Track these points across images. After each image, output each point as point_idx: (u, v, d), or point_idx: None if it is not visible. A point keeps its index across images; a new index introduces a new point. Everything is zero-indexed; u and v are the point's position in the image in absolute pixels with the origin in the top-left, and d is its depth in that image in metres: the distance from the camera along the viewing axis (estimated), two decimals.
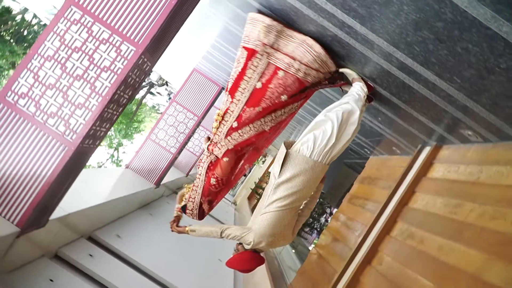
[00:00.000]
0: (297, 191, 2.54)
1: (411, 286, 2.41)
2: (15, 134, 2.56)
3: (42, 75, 2.60)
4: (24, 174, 2.55)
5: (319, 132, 2.53)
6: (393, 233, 3.05)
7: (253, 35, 2.71)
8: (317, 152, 2.53)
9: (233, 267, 2.76)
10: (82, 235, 3.99)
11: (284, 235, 2.66)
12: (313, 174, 2.57)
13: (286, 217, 2.60)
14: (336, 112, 2.57)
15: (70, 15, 2.63)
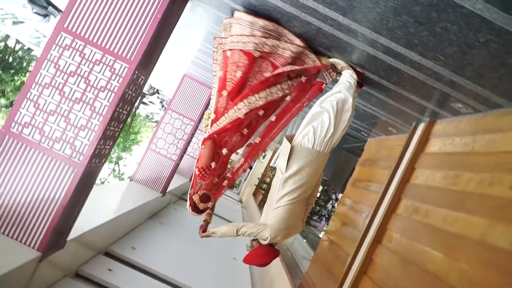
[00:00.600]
0: (304, 182, 2.64)
1: (421, 259, 2.51)
2: (24, 163, 2.64)
3: (42, 103, 2.68)
4: (38, 199, 2.63)
5: (317, 124, 2.63)
6: (398, 211, 3.15)
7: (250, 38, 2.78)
8: (318, 143, 2.63)
9: (250, 263, 2.85)
10: (98, 251, 4.09)
11: (296, 225, 2.77)
12: (317, 164, 2.68)
13: (298, 209, 2.70)
14: (330, 102, 2.66)
15: (61, 41, 2.71)
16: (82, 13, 2.72)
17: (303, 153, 2.63)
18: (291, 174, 2.64)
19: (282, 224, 2.66)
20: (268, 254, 2.77)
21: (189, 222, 7.70)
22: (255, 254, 2.78)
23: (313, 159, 2.65)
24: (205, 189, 3.06)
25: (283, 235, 2.72)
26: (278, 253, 2.86)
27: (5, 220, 2.62)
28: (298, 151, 2.64)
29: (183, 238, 6.35)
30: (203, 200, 3.05)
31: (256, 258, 2.80)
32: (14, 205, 2.63)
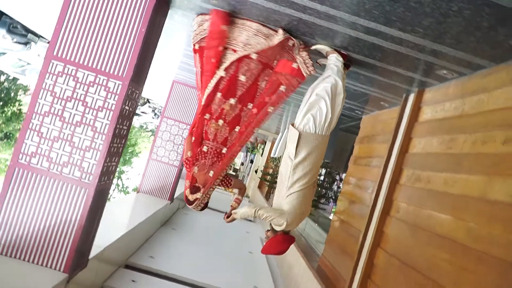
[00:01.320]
0: (313, 167, 2.77)
1: (429, 223, 2.62)
2: (37, 191, 2.73)
3: (45, 131, 2.76)
4: (57, 223, 2.73)
5: (316, 112, 2.75)
6: (401, 181, 3.25)
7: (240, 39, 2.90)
8: (319, 129, 2.75)
9: (269, 252, 2.96)
10: (119, 265, 4.19)
11: (308, 210, 2.88)
12: (322, 147, 2.82)
13: (309, 193, 2.84)
14: (325, 89, 2.77)
15: (54, 69, 2.78)
16: (69, 38, 2.80)
17: (310, 139, 2.75)
18: (301, 160, 2.75)
19: (298, 209, 2.77)
20: (284, 242, 2.88)
21: (200, 225, 7.83)
22: (272, 244, 2.89)
23: (318, 143, 2.77)
24: (197, 182, 3.20)
25: (298, 221, 2.83)
26: (293, 239, 2.96)
27: (29, 247, 2.71)
28: (305, 137, 2.75)
29: (197, 240, 6.47)
30: (192, 192, 3.19)
31: (274, 247, 2.90)
32: (35, 232, 2.72)
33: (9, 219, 2.72)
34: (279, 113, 7.96)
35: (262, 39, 2.93)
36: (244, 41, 2.96)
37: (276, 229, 2.88)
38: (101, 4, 2.81)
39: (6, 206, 2.72)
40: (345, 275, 3.71)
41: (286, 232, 2.92)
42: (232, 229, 8.43)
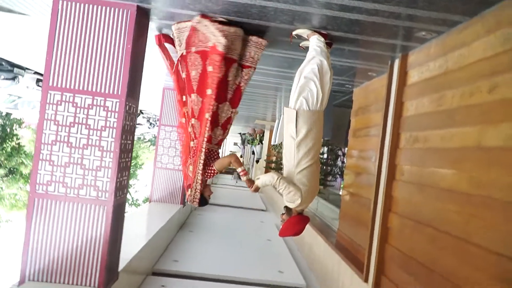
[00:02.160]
0: (315, 143, 2.89)
1: (434, 180, 2.74)
2: (59, 216, 2.86)
3: (55, 159, 2.88)
4: (84, 243, 2.86)
5: (307, 94, 2.86)
6: (401, 145, 3.37)
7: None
8: (313, 107, 2.86)
9: (286, 234, 3.08)
10: (147, 273, 4.33)
11: (317, 186, 3.02)
12: (320, 123, 2.94)
13: (316, 169, 2.96)
14: (312, 71, 2.87)
15: (52, 99, 2.89)
16: (60, 67, 2.90)
17: (307, 116, 2.86)
18: (302, 138, 2.86)
19: (308, 186, 2.89)
20: (299, 222, 3.01)
21: (216, 222, 7.97)
22: (288, 225, 3.01)
23: (315, 119, 2.89)
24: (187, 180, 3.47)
25: (310, 198, 2.95)
26: (308, 219, 3.09)
27: (62, 270, 2.85)
28: (302, 115, 2.86)
29: (216, 238, 6.62)
30: (186, 189, 3.48)
31: (290, 228, 3.02)
32: (65, 255, 2.85)
33: (38, 247, 2.85)
34: (273, 100, 8.06)
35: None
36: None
37: (290, 206, 2.98)
38: (85, 29, 2.92)
39: (33, 236, 2.85)
40: (363, 244, 3.85)
41: (300, 212, 3.04)
42: (247, 221, 8.60)
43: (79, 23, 2.92)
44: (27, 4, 3.60)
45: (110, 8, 2.93)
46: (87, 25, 2.92)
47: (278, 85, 6.16)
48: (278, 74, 5.16)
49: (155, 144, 28.52)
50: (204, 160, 3.31)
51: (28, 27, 5.42)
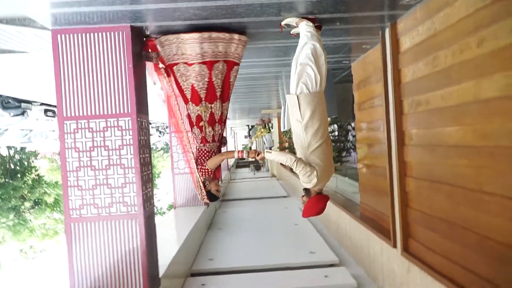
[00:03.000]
0: (321, 122, 2.99)
1: (441, 139, 2.85)
2: (96, 236, 3.04)
3: (82, 184, 3.05)
4: (123, 257, 3.03)
5: (305, 79, 2.97)
6: (405, 111, 3.47)
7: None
8: (313, 89, 2.97)
9: (309, 214, 3.21)
10: (186, 276, 4.52)
11: (332, 164, 3.13)
12: (322, 103, 3.04)
13: (327, 147, 3.05)
14: (307, 56, 2.98)
15: (69, 128, 3.06)
16: (71, 97, 3.06)
17: (309, 98, 2.96)
18: (308, 119, 2.97)
19: (322, 164, 2.99)
20: (319, 201, 3.13)
21: (241, 216, 8.16)
22: (309, 205, 3.14)
23: (318, 99, 2.99)
24: None
25: (326, 177, 3.06)
26: (327, 197, 3.21)
27: (107, 285, 3.03)
28: (304, 98, 2.97)
29: (244, 231, 6.80)
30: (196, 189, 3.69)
31: (312, 208, 3.15)
32: (107, 271, 3.03)
33: (82, 267, 3.04)
34: (275, 88, 8.17)
35: None
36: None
37: (307, 186, 3.09)
38: (86, 56, 3.06)
39: (76, 258, 3.03)
40: (386, 212, 3.96)
41: (319, 192, 3.17)
42: (271, 210, 8.77)
43: (80, 52, 3.06)
44: (27, 43, 3.76)
45: (106, 33, 3.07)
46: (87, 53, 3.07)
47: (278, 74, 6.27)
48: (276, 63, 5.28)
49: (168, 152, 28.78)
50: (196, 159, 3.59)
51: (29, 63, 5.61)
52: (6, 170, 20.25)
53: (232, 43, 3.40)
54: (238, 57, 3.55)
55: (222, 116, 3.64)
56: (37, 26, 3.17)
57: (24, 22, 3.22)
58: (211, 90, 3.46)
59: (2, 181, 19.66)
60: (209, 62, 3.33)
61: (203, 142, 3.57)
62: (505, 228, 2.19)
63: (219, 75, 3.43)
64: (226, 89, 3.57)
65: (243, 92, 8.31)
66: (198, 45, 3.26)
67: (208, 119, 3.54)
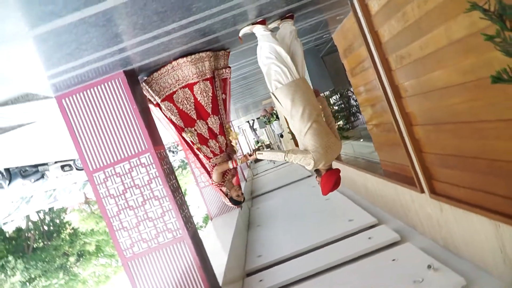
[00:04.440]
0: (304, 106, 3.12)
1: (431, 84, 3.03)
2: (153, 266, 3.30)
3: (126, 224, 3.31)
4: (184, 277, 3.30)
5: (275, 76, 3.19)
6: (393, 67, 3.65)
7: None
8: (286, 81, 3.17)
9: (326, 191, 3.31)
10: (242, 277, 4.78)
11: (332, 141, 3.18)
12: (302, 87, 3.18)
13: (320, 127, 3.13)
14: (266, 57, 3.22)
15: (98, 179, 3.32)
16: (90, 152, 3.32)
17: (283, 91, 3.16)
18: (290, 108, 3.16)
19: (316, 143, 3.10)
20: (331, 176, 3.27)
21: (275, 208, 8.39)
22: (324, 183, 3.30)
23: (294, 88, 3.15)
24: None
25: (324, 153, 3.12)
26: (338, 170, 3.35)
27: None
28: (281, 92, 3.18)
29: (281, 221, 7.03)
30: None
31: (327, 185, 3.27)
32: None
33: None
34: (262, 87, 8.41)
35: None
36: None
37: (309, 168, 3.22)
38: (93, 110, 3.31)
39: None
40: (405, 162, 4.15)
41: (328, 168, 3.34)
42: (300, 192, 8.99)
43: (86, 108, 3.32)
44: (34, 114, 4.03)
45: (104, 84, 3.31)
46: (93, 106, 3.32)
47: (261, 78, 6.50)
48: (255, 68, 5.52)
49: (185, 168, 28.98)
50: (209, 174, 3.90)
51: (38, 129, 5.89)
52: (41, 234, 20.90)
53: (219, 58, 3.69)
54: (226, 67, 3.83)
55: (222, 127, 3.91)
56: (40, 97, 3.42)
57: (28, 98, 3.47)
58: (214, 103, 3.73)
59: (41, 245, 20.28)
60: (210, 78, 3.61)
61: (214, 155, 3.81)
62: (507, 148, 2.38)
63: (219, 88, 3.77)
64: (226, 100, 3.85)
65: (240, 92, 8.53)
66: (194, 66, 3.51)
67: (216, 131, 3.79)
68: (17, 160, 8.05)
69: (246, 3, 2.92)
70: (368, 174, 5.70)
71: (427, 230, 4.09)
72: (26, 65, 2.52)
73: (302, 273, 4.30)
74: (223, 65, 3.87)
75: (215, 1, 2.62)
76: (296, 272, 4.39)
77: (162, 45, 3.11)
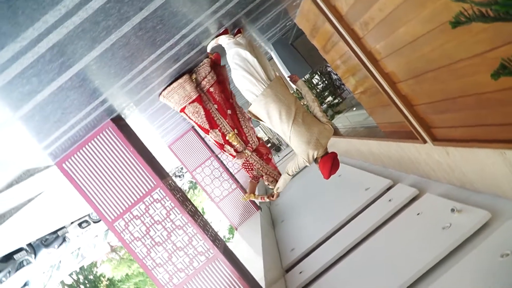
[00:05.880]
0: (279, 110, 3.20)
1: (402, 39, 3.11)
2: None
3: (159, 261, 3.40)
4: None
5: (245, 84, 3.28)
6: (361, 35, 3.73)
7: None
8: (257, 89, 3.24)
9: (327, 175, 3.39)
10: (282, 275, 4.88)
11: (318, 130, 3.26)
12: (273, 93, 3.23)
13: (300, 123, 3.21)
14: (232, 67, 3.31)
15: (120, 227, 3.41)
16: (103, 203, 3.41)
17: (257, 106, 3.26)
18: (269, 120, 3.28)
19: (302, 144, 3.23)
20: (326, 161, 3.34)
21: (291, 199, 8.48)
22: (322, 168, 3.34)
23: (264, 99, 3.22)
24: None
25: (311, 149, 3.25)
26: (333, 153, 3.40)
27: None
28: (254, 109, 3.30)
29: (301, 210, 7.12)
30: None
31: (325, 169, 3.35)
32: None
33: None
34: None
35: None
36: None
37: (309, 165, 3.41)
38: (95, 164, 3.40)
39: None
40: (401, 119, 4.23)
41: (324, 154, 3.39)
42: (311, 177, 9.06)
43: (87, 164, 3.41)
44: (39, 185, 4.11)
45: (97, 137, 3.40)
46: (93, 161, 3.41)
47: None
48: None
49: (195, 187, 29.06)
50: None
51: (47, 199, 5.98)
52: (86, 278, 21.06)
53: (199, 71, 3.77)
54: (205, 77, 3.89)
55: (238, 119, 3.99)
56: (42, 169, 3.51)
57: (30, 173, 3.56)
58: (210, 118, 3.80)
59: None
60: (197, 97, 3.70)
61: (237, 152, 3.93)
62: (488, 79, 2.46)
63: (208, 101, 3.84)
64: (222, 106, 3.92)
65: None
66: (176, 94, 3.63)
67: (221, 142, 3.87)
68: (36, 232, 8.15)
69: (205, 21, 3.01)
70: (370, 140, 5.78)
71: (440, 176, 4.18)
72: (20, 144, 2.60)
73: (337, 253, 4.39)
74: (203, 75, 3.88)
75: (175, 29, 2.70)
76: (331, 253, 4.48)
77: (139, 84, 3.20)
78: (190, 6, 2.56)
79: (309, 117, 3.32)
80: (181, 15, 2.56)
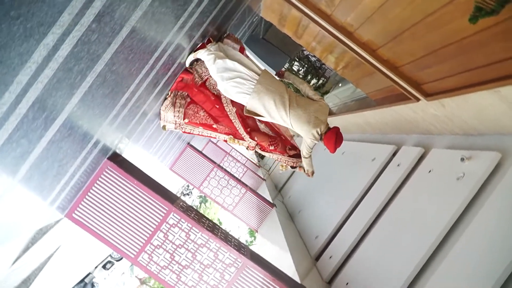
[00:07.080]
0: (274, 100, 3.34)
1: (368, 7, 3.11)
2: None
3: (191, 283, 3.40)
4: None
5: (239, 90, 3.34)
6: (328, 12, 3.72)
7: None
8: (248, 89, 3.31)
9: (332, 149, 3.44)
10: (313, 264, 4.87)
11: (314, 109, 3.39)
12: (263, 87, 3.33)
13: (296, 107, 3.35)
14: (220, 78, 3.36)
15: (145, 260, 3.39)
16: (122, 242, 3.39)
17: (254, 101, 3.35)
18: (267, 112, 3.39)
19: (302, 125, 3.35)
20: (331, 136, 3.40)
21: (303, 187, 8.47)
22: (327, 143, 3.41)
23: (257, 95, 3.33)
24: None
25: (312, 127, 3.35)
26: (335, 128, 3.46)
27: None
28: (251, 105, 3.37)
29: (316, 195, 7.11)
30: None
31: (330, 144, 3.41)
32: None
33: None
34: None
35: None
36: None
37: (317, 142, 3.50)
38: (104, 204, 3.39)
39: None
40: (388, 83, 4.23)
41: (326, 131, 3.45)
42: (316, 161, 9.05)
43: (97, 208, 3.39)
44: (52, 243, 4.08)
45: (99, 178, 3.38)
46: (101, 203, 3.39)
47: None
48: None
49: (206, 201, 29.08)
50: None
51: (67, 251, 5.96)
52: None
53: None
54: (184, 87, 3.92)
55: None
56: (53, 224, 3.49)
57: (43, 231, 3.54)
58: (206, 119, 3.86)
59: None
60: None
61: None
62: (465, 24, 2.45)
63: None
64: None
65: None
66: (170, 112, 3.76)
67: None
68: (63, 286, 8.12)
69: (174, 38, 2.99)
70: (364, 112, 5.78)
71: (441, 129, 4.18)
72: (25, 207, 2.59)
73: (361, 229, 4.39)
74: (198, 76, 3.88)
75: (147, 54, 2.68)
76: (355, 231, 4.47)
77: (126, 117, 3.18)
78: (156, 28, 2.54)
79: (302, 99, 3.46)
80: (149, 39, 2.55)
